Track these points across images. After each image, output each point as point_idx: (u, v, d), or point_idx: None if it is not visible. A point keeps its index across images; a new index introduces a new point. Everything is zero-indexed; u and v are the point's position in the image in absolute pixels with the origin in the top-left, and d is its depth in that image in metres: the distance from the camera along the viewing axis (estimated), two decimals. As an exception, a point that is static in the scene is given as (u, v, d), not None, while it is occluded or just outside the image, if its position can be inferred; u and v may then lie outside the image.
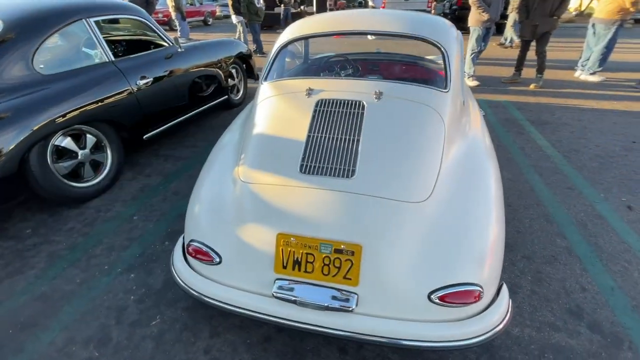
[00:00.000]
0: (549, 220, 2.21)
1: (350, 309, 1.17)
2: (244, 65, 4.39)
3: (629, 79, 5.23)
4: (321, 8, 11.99)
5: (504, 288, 1.30)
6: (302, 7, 12.97)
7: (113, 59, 2.67)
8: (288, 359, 1.40)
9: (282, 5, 11.43)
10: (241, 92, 4.46)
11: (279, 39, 2.06)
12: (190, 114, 3.40)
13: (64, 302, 1.67)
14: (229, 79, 4.05)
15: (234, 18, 7.40)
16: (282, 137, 1.51)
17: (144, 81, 2.79)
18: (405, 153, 1.39)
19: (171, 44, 3.23)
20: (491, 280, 1.23)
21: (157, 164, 3.02)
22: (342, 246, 1.19)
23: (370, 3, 9.01)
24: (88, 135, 2.45)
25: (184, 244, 1.49)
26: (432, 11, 10.09)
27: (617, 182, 2.63)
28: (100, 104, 2.45)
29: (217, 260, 1.32)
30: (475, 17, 4.87)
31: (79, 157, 2.39)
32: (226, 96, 4.01)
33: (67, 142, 2.31)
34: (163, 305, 1.64)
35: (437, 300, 1.15)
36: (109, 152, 2.61)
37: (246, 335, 1.49)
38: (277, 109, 1.68)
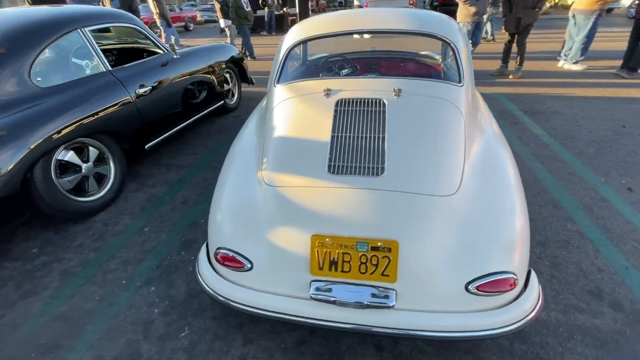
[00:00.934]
0: (557, 207, 2.27)
1: (391, 305, 1.17)
2: (237, 69, 4.35)
3: (610, 66, 5.43)
4: (304, 10, 11.97)
5: (533, 274, 1.33)
6: (284, 9, 12.92)
7: (110, 68, 2.61)
8: (325, 360, 1.39)
9: (265, 7, 11.38)
10: (236, 96, 4.42)
11: (285, 40, 2.04)
12: (190, 120, 3.35)
13: (86, 320, 1.62)
14: (224, 84, 4.01)
15: (222, 22, 7.33)
16: (305, 138, 1.50)
17: (143, 90, 2.73)
18: (430, 148, 1.41)
19: (166, 51, 3.18)
20: (522, 267, 1.26)
21: (159, 174, 2.96)
22: (379, 243, 1.19)
23: (355, 2, 9.06)
24: (91, 148, 2.38)
25: (208, 251, 1.47)
26: (413, 8, 10.22)
27: (614, 165, 2.73)
28: (100, 115, 2.39)
29: (249, 266, 1.30)
30: (464, 12, 4.97)
31: (83, 171, 2.32)
32: (222, 101, 3.98)
33: (70, 156, 2.24)
34: (190, 316, 1.61)
35: (474, 290, 1.17)
36: (111, 164, 2.54)
37: (280, 340, 1.47)
38: (296, 111, 1.67)
